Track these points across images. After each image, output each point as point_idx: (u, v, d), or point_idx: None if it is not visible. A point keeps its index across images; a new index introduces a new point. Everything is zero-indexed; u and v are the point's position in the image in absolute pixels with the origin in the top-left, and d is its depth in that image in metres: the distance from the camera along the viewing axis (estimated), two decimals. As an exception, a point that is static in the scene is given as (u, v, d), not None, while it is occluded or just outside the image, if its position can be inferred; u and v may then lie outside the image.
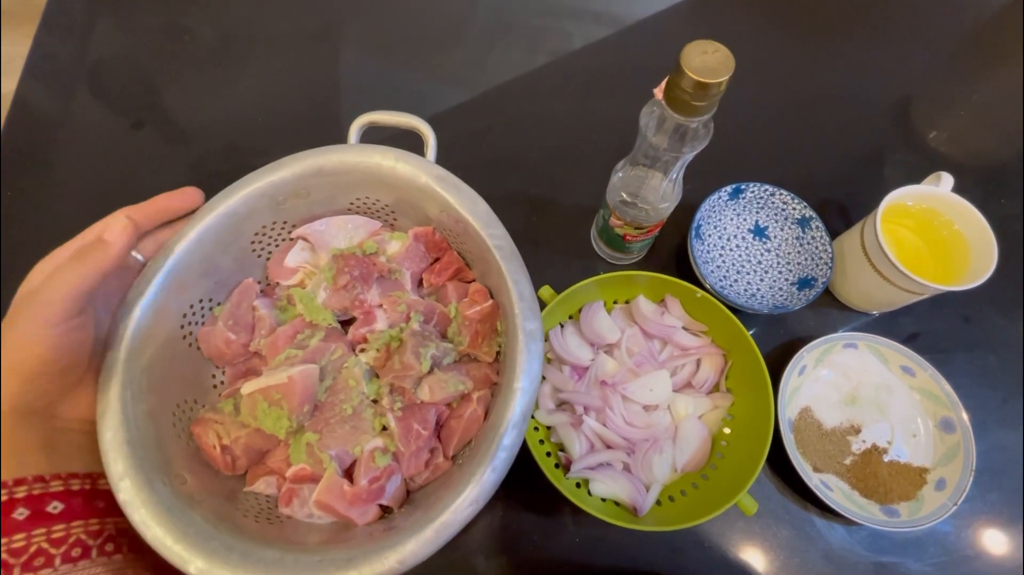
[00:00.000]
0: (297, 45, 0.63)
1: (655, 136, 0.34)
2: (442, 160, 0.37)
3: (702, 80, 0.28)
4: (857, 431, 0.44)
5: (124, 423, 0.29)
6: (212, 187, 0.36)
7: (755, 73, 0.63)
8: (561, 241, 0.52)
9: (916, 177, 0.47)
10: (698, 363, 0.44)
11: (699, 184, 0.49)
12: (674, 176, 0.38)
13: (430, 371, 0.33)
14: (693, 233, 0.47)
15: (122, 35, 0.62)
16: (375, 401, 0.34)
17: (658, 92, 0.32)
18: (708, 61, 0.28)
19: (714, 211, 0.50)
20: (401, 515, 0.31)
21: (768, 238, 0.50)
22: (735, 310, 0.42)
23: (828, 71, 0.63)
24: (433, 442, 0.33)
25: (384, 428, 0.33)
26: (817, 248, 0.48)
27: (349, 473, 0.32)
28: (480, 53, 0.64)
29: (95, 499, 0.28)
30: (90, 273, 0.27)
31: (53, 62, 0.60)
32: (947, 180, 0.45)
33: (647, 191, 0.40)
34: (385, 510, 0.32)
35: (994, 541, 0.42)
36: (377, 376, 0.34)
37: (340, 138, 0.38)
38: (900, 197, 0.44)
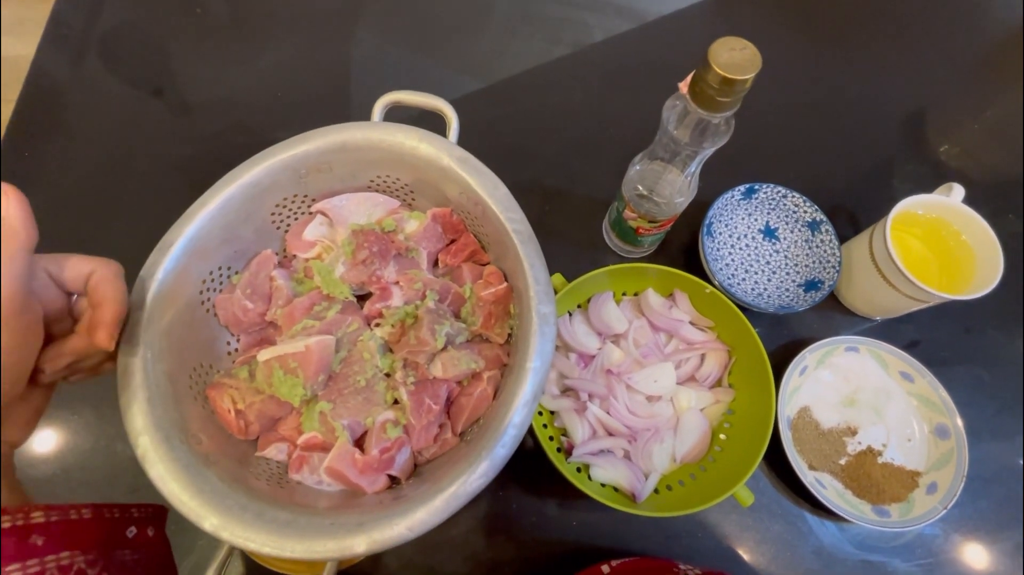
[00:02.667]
0: (315, 23, 0.63)
1: (676, 130, 0.34)
2: (459, 146, 0.38)
3: (729, 76, 0.29)
4: (853, 432, 0.45)
5: (144, 381, 0.29)
6: (227, 160, 0.36)
7: (773, 75, 0.62)
8: (573, 231, 0.53)
9: (926, 188, 0.47)
10: (702, 357, 0.45)
11: (712, 182, 0.49)
12: (692, 171, 0.38)
13: (443, 348, 0.34)
14: (704, 230, 0.47)
15: (138, 4, 0.62)
16: (388, 375, 0.35)
17: (683, 86, 0.32)
18: (735, 58, 0.29)
19: (726, 209, 0.50)
20: (409, 486, 0.32)
21: (778, 239, 0.51)
22: (741, 308, 0.43)
23: (844, 77, 0.63)
24: (443, 418, 0.34)
25: (396, 401, 0.34)
26: (825, 252, 0.49)
27: (360, 443, 0.33)
28: (500, 42, 0.64)
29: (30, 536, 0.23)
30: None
31: (73, 34, 0.60)
32: (958, 191, 0.45)
33: (663, 185, 0.40)
34: (393, 480, 0.33)
35: (980, 546, 0.44)
36: (391, 350, 0.35)
37: (356, 118, 0.39)
38: (911, 205, 0.44)
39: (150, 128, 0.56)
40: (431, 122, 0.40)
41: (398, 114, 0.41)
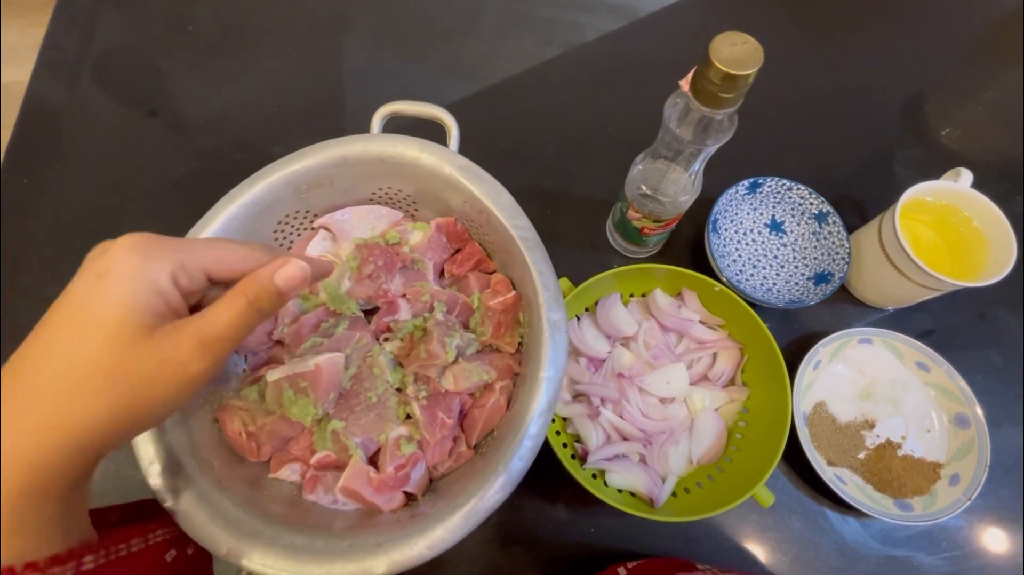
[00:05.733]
0: (309, 36, 0.63)
1: (679, 128, 0.34)
2: (460, 154, 0.37)
3: (731, 72, 0.28)
4: (871, 426, 0.45)
5: (153, 408, 0.29)
6: (226, 177, 0.36)
7: (770, 67, 0.62)
8: (576, 234, 0.52)
9: (931, 174, 0.47)
10: (714, 356, 0.44)
11: (715, 178, 0.48)
12: (696, 169, 0.38)
13: (454, 360, 0.33)
14: (710, 227, 0.47)
15: (130, 26, 0.62)
16: (399, 390, 0.34)
17: (684, 83, 0.32)
18: (737, 53, 0.28)
19: (731, 205, 0.50)
20: (426, 502, 0.32)
21: (784, 233, 0.50)
22: (750, 304, 0.42)
23: (843, 65, 0.63)
24: (456, 431, 0.34)
25: (408, 416, 0.33)
26: (834, 243, 0.48)
27: (373, 460, 0.33)
28: (493, 45, 0.63)
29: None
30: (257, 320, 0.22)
31: (67, 56, 0.60)
32: (966, 176, 0.45)
33: (667, 184, 0.40)
34: (409, 497, 0.32)
35: (1006, 536, 0.43)
36: (401, 365, 0.35)
37: (354, 129, 0.38)
38: (919, 193, 0.44)
39: (147, 148, 0.56)
40: (430, 130, 0.39)
41: (397, 124, 0.41)
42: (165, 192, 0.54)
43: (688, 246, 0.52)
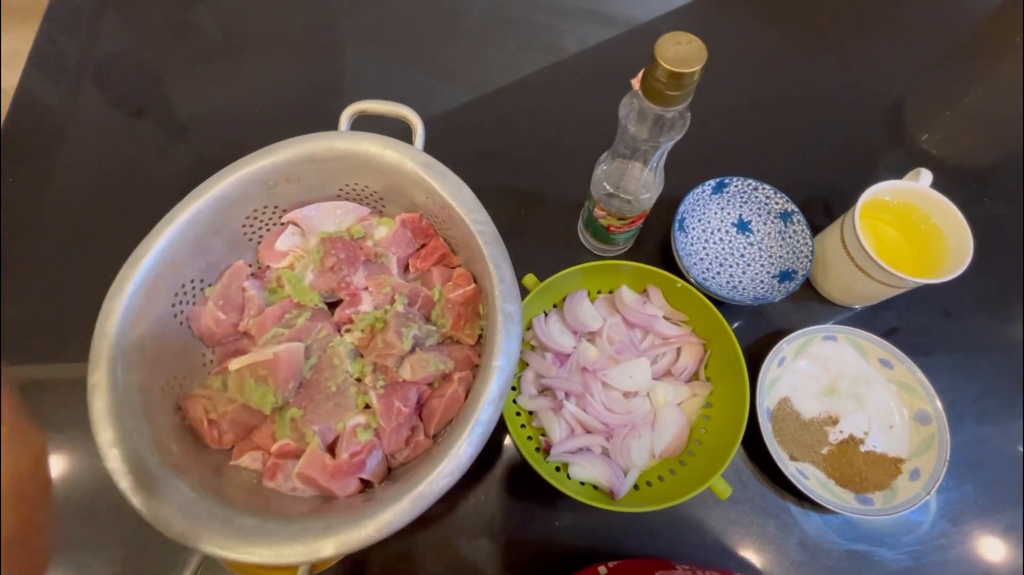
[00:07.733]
0: (296, 40, 0.64)
1: (634, 127, 0.35)
2: (434, 152, 0.38)
3: (675, 70, 0.29)
4: (835, 422, 0.45)
5: (114, 394, 0.30)
6: (211, 176, 0.37)
7: (744, 70, 0.64)
8: (549, 233, 0.53)
9: (902, 176, 0.48)
10: (678, 352, 0.45)
11: (684, 178, 0.50)
12: (654, 166, 0.39)
13: (412, 351, 0.34)
14: (677, 226, 0.48)
15: (126, 30, 0.64)
16: (359, 380, 0.35)
17: (635, 83, 0.33)
18: (681, 52, 0.29)
19: (698, 204, 0.51)
20: (381, 489, 0.32)
21: (751, 232, 0.51)
22: (718, 302, 0.43)
23: (817, 70, 0.64)
24: (414, 420, 0.34)
25: (367, 406, 0.34)
26: (798, 242, 0.49)
27: (332, 448, 0.33)
28: (475, 49, 0.65)
29: None
30: None
31: (58, 56, 0.62)
32: (926, 176, 0.46)
33: (629, 182, 0.41)
34: (366, 484, 0.33)
35: (967, 531, 0.43)
36: (361, 356, 0.35)
37: (339, 129, 0.39)
38: (878, 192, 0.45)
39: (135, 149, 0.57)
40: (404, 131, 0.40)
41: (373, 125, 0.42)
42: (151, 191, 0.55)
43: (658, 245, 0.52)
